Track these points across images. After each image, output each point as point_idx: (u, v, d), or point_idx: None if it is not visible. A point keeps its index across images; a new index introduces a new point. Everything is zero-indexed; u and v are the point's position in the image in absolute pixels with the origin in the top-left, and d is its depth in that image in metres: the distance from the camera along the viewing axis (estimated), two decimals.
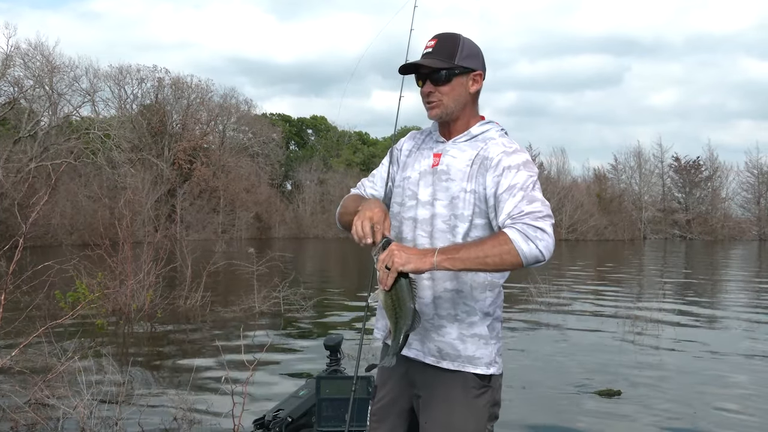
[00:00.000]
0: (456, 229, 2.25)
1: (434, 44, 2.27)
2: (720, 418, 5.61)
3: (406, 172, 2.42)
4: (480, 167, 2.24)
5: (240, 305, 11.00)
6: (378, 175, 2.54)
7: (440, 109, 2.30)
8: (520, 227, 2.03)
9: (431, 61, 2.25)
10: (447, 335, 2.27)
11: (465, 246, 2.11)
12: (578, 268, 23.52)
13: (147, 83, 43.93)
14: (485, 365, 2.28)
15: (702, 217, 59.17)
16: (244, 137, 49.72)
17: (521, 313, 11.81)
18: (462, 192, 2.24)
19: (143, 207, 21.07)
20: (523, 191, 2.13)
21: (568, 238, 51.21)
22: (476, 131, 2.33)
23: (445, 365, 2.28)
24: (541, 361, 7.78)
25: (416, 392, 2.36)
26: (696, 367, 7.68)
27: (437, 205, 2.28)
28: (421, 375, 2.34)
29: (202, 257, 13.84)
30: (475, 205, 2.24)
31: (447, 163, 2.30)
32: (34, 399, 5.23)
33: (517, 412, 5.64)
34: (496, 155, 2.23)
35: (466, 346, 2.27)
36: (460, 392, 2.28)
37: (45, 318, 7.49)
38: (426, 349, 2.31)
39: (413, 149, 2.46)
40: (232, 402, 4.60)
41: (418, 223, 2.31)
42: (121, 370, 6.08)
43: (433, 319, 2.28)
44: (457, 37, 2.30)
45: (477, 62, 2.31)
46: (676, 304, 12.85)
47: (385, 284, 2.12)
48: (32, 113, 37.08)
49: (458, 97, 2.29)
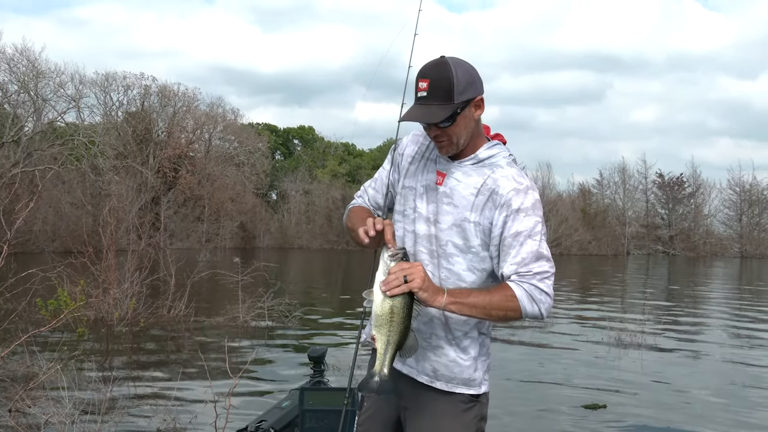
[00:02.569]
0: (455, 258, 2.23)
1: (427, 86, 2.13)
2: (702, 429, 5.65)
3: (408, 180, 2.36)
4: (488, 201, 2.18)
5: (224, 315, 10.94)
6: (380, 179, 2.49)
7: (452, 147, 2.22)
8: (527, 288, 2.11)
9: (431, 111, 2.13)
10: (443, 356, 2.27)
11: (473, 294, 2.12)
12: (563, 283, 23.61)
13: (133, 90, 43.76)
14: (478, 386, 2.31)
15: (685, 234, 59.60)
16: (230, 146, 49.57)
17: (505, 328, 11.83)
18: (465, 222, 2.20)
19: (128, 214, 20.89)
20: (531, 239, 2.15)
21: (552, 252, 51.03)
22: (483, 155, 2.25)
23: (438, 386, 2.28)
24: (525, 376, 7.79)
25: (404, 404, 2.36)
26: (678, 380, 7.72)
27: (438, 227, 2.24)
28: (411, 388, 2.33)
29: (186, 266, 13.76)
30: (478, 237, 2.20)
31: (451, 186, 2.23)
32: (15, 408, 5.17)
33: (503, 428, 5.65)
34: (506, 192, 2.17)
35: (462, 369, 2.28)
36: (449, 406, 2.28)
37: (27, 326, 7.42)
38: (420, 368, 2.30)
39: (417, 156, 2.37)
40: (215, 413, 4.58)
41: (418, 239, 2.28)
42: (103, 379, 6.03)
43: (430, 338, 2.27)
44: (449, 70, 2.13)
45: (475, 89, 2.19)
46: (659, 319, 12.92)
47: (391, 290, 2.04)
48: (16, 118, 36.75)
49: (466, 129, 2.20)
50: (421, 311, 2.15)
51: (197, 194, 42.47)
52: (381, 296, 2.07)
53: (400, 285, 2.04)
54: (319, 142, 62.54)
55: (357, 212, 2.44)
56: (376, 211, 2.47)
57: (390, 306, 2.06)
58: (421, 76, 2.16)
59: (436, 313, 2.21)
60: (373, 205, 2.50)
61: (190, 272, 11.81)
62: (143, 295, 10.94)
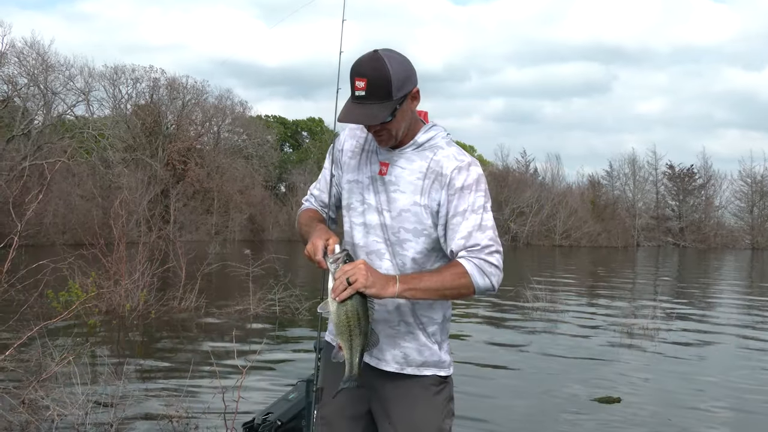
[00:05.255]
0: (409, 243, 2.27)
1: (365, 85, 2.12)
2: (717, 423, 5.59)
3: (351, 174, 2.38)
4: (434, 182, 2.24)
5: (235, 307, 10.94)
6: (323, 179, 2.52)
7: (391, 140, 2.26)
8: (477, 262, 2.16)
9: (371, 112, 2.13)
10: (414, 341, 2.30)
11: (425, 277, 2.16)
12: (573, 275, 23.54)
13: (142, 83, 43.79)
14: (447, 367, 2.36)
15: (695, 225, 59.27)
16: (239, 139, 49.59)
17: (518, 321, 11.79)
18: (415, 206, 2.24)
19: (138, 207, 20.94)
20: (475, 214, 2.20)
21: (562, 244, 51.24)
22: (422, 139, 2.29)
23: (409, 371, 2.31)
24: (539, 369, 7.75)
25: (374, 395, 2.37)
26: (693, 373, 7.67)
27: (386, 215, 2.27)
28: (380, 379, 2.34)
29: (196, 258, 13.76)
30: (429, 219, 2.25)
31: (396, 174, 2.27)
32: (28, 399, 5.17)
33: (516, 420, 5.62)
34: (450, 171, 2.22)
35: (432, 352, 2.32)
36: (421, 390, 2.32)
37: (38, 318, 7.42)
38: (390, 357, 2.32)
39: (357, 150, 2.39)
40: (224, 405, 4.57)
41: (371, 229, 2.31)
42: (115, 370, 6.02)
43: (399, 325, 2.30)
44: (385, 67, 2.11)
45: (411, 82, 2.20)
46: (670, 312, 12.84)
47: (338, 296, 2.08)
48: (26, 112, 36.85)
49: (404, 121, 2.23)
50: (383, 303, 2.21)
51: (206, 187, 42.51)
52: (334, 305, 2.10)
53: (345, 288, 2.07)
54: (328, 134, 62.51)
55: (305, 217, 2.48)
56: (323, 209, 2.50)
57: (345, 311, 2.09)
58: (357, 74, 2.14)
59: (402, 300, 2.23)
60: (321, 205, 2.53)
61: (200, 264, 11.81)
62: (154, 287, 10.95)
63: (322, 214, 2.49)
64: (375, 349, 2.26)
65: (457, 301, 2.00)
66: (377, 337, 2.20)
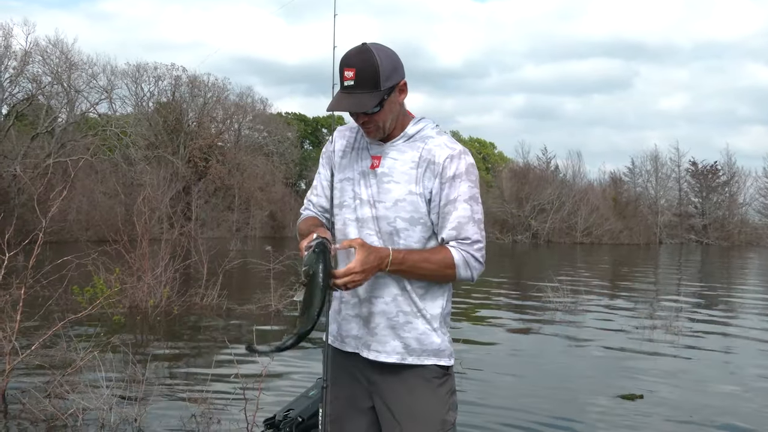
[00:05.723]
0: (406, 232, 2.30)
1: (354, 75, 2.19)
2: (739, 421, 5.53)
3: (344, 173, 2.41)
4: (426, 171, 2.29)
5: (256, 303, 10.99)
6: (319, 184, 2.53)
7: (379, 132, 2.31)
8: (465, 255, 2.26)
9: (359, 101, 2.20)
10: (413, 330, 2.32)
11: (415, 262, 2.24)
12: (594, 273, 23.39)
13: (164, 81, 44.15)
14: (448, 356, 2.37)
15: (719, 223, 58.64)
16: (259, 136, 49.83)
17: (539, 317, 11.74)
18: (410, 195, 2.28)
19: (160, 204, 21.10)
20: (467, 204, 2.27)
21: (583, 241, 50.93)
22: (412, 131, 2.34)
23: (410, 361, 2.32)
24: (560, 365, 7.71)
25: (375, 388, 2.37)
26: (716, 371, 7.60)
27: (380, 207, 2.30)
28: (379, 372, 2.35)
29: (218, 255, 13.85)
30: (424, 207, 2.29)
31: (389, 166, 2.31)
32: (53, 393, 5.23)
33: (539, 415, 5.59)
34: (442, 160, 2.28)
35: (432, 340, 2.33)
36: (423, 382, 2.33)
37: (63, 313, 7.51)
38: (390, 348, 2.32)
39: (347, 149, 2.44)
40: (245, 401, 4.59)
41: (364, 223, 2.33)
42: (138, 365, 6.07)
43: (397, 316, 2.32)
44: (373, 58, 2.19)
45: (399, 74, 2.26)
46: (693, 309, 12.72)
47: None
48: (50, 109, 37.30)
49: (392, 113, 2.29)
50: (380, 296, 2.30)
51: (227, 184, 42.77)
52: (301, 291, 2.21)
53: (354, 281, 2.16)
54: None
55: (305, 225, 2.47)
56: (324, 215, 2.51)
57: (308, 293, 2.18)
58: (346, 65, 2.22)
59: (398, 291, 2.30)
60: (320, 211, 2.53)
61: (222, 261, 11.88)
62: (176, 283, 11.03)
63: (322, 220, 2.50)
64: (375, 342, 2.31)
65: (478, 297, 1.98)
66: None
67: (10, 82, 35.99)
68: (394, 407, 2.32)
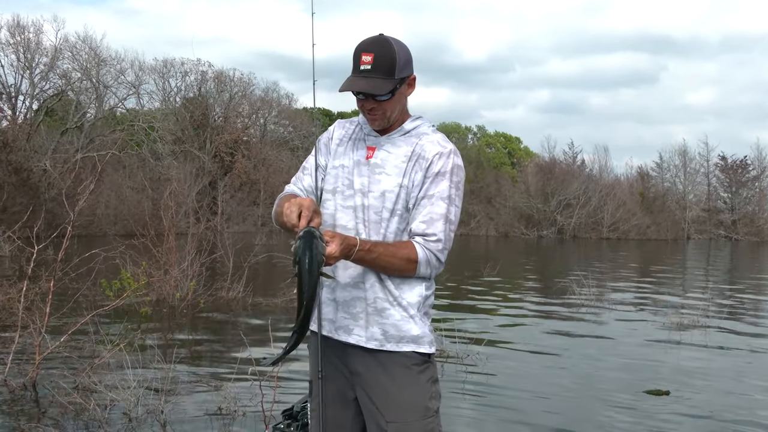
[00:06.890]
0: (387, 223, 2.34)
1: (372, 60, 2.26)
2: (763, 418, 5.45)
3: (339, 160, 2.46)
4: (415, 164, 2.34)
5: (281, 297, 11.04)
6: (310, 166, 2.55)
7: (383, 121, 2.37)
8: (429, 254, 2.30)
9: (375, 84, 2.26)
10: (390, 317, 2.34)
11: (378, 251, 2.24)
12: (621, 268, 23.18)
13: (190, 76, 44.48)
14: (428, 344, 2.37)
15: (748, 218, 57.72)
16: (285, 131, 50.01)
17: (566, 312, 11.67)
18: (397, 187, 2.33)
19: (187, 198, 21.31)
20: (443, 202, 2.31)
21: (609, 236, 50.46)
22: (409, 127, 2.40)
23: (389, 347, 2.34)
24: (587, 360, 7.65)
25: (357, 378, 2.39)
26: (744, 369, 7.49)
27: (370, 196, 2.35)
28: (361, 360, 2.37)
29: (243, 249, 13.94)
30: (404, 200, 2.34)
31: (382, 158, 2.37)
32: (81, 385, 5.31)
33: (564, 409, 5.57)
34: (431, 156, 2.34)
35: (411, 327, 2.34)
36: (404, 370, 2.34)
37: (91, 305, 7.61)
38: (369, 334, 2.35)
39: (345, 138, 2.49)
40: (261, 393, 4.63)
41: (354, 210, 2.37)
42: (164, 357, 6.14)
43: (375, 302, 2.34)
44: (391, 47, 2.28)
45: (410, 67, 2.35)
46: (721, 306, 12.54)
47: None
48: (79, 105, 37.81)
49: (399, 104, 2.36)
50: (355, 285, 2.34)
51: (253, 178, 42.98)
52: None
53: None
54: None
55: (288, 197, 2.45)
56: (310, 195, 2.52)
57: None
58: (364, 50, 2.28)
59: (374, 277, 2.33)
60: (308, 190, 2.54)
61: (247, 255, 11.96)
62: (202, 277, 11.13)
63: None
64: (357, 327, 2.35)
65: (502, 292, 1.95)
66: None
67: (41, 78, 36.53)
68: (375, 396, 2.35)
